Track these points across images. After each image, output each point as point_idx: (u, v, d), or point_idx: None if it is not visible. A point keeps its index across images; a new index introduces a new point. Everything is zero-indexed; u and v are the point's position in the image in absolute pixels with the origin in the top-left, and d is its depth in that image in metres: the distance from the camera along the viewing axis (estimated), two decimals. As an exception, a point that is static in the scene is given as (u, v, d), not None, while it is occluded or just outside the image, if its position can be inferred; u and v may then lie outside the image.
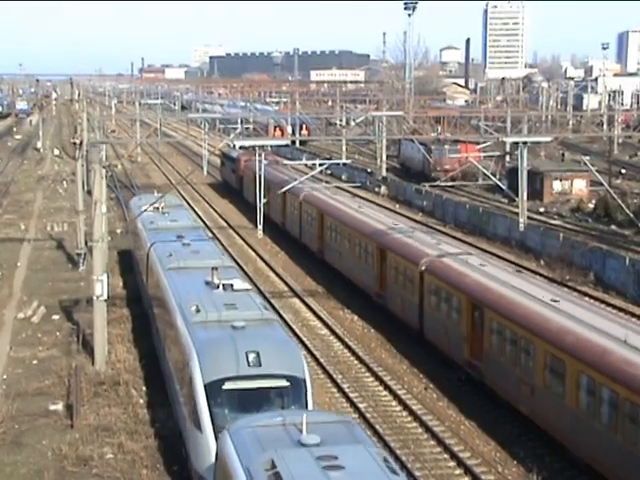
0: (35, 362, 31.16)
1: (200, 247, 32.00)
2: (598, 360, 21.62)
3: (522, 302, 26.29)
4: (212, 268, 26.04)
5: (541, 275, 43.79)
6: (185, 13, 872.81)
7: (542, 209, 63.15)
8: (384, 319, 36.50)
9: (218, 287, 25.41)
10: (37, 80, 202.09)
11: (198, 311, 23.36)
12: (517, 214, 43.73)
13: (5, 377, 29.70)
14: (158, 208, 39.83)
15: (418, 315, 32.55)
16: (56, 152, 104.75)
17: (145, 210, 38.66)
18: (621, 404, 20.39)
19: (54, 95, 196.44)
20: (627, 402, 20.17)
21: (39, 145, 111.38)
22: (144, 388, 28.08)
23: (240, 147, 55.30)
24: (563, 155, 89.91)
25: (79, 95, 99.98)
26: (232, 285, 25.35)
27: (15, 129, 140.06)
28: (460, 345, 29.10)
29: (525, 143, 41.31)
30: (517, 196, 41.93)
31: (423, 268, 32.28)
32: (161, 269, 29.41)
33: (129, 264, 43.73)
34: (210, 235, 41.74)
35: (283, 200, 53.38)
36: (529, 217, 49.33)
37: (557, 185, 67.67)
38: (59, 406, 26.74)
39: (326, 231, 44.86)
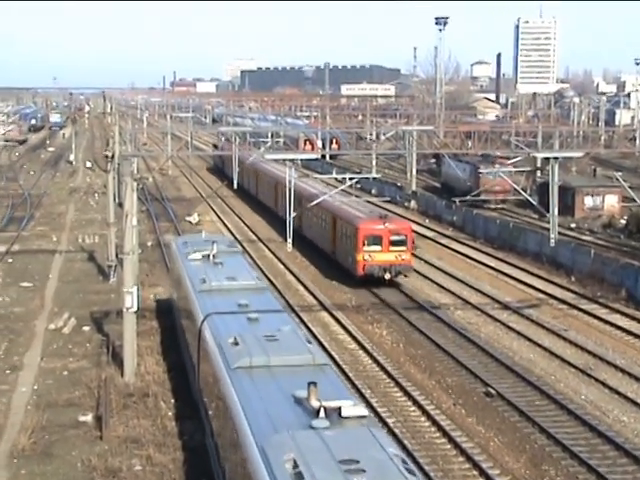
0: (65, 373, 31.34)
1: (275, 327, 22.32)
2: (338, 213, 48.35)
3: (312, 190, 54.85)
4: (309, 384, 16.67)
5: (572, 292, 43.55)
6: (217, 28, 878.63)
7: (573, 225, 62.75)
8: (415, 333, 36.51)
9: (318, 413, 16.15)
10: (71, 93, 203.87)
11: (300, 477, 14.11)
12: (548, 230, 43.49)
13: (36, 387, 29.89)
14: (209, 256, 31.58)
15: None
16: (88, 165, 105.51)
17: (193, 258, 31.71)
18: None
19: (87, 108, 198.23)
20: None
21: (72, 158, 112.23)
22: (172, 400, 28.12)
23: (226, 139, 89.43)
24: (595, 171, 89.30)
25: (111, 108, 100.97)
26: (340, 410, 16.38)
27: (48, 142, 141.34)
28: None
29: (556, 158, 41.15)
30: (548, 211, 41.71)
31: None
32: (225, 369, 20.07)
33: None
34: (283, 304, 32.44)
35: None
36: (560, 233, 49.03)
37: (589, 201, 67.23)
38: (89, 417, 26.87)
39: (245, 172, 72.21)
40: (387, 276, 43.95)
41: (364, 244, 44.06)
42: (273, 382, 18.71)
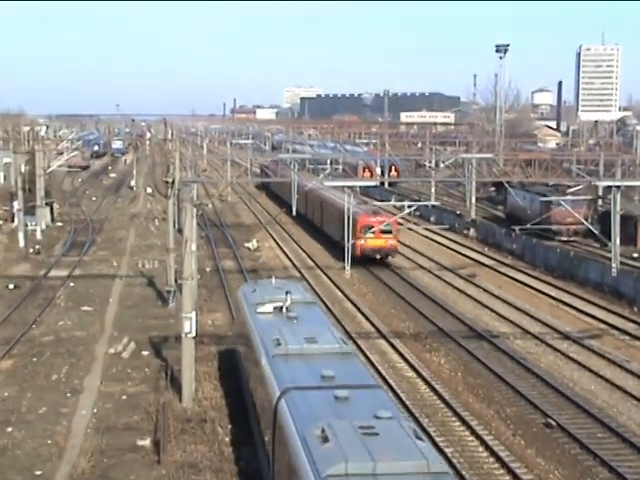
0: (124, 397, 31.63)
1: (371, 412, 17.90)
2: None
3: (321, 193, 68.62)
4: None
5: (635, 322, 42.88)
6: (277, 56, 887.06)
7: (636, 254, 61.83)
8: (473, 362, 36.26)
9: None
10: (133, 120, 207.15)
11: None
12: (609, 259, 42.99)
13: (95, 411, 30.21)
14: (281, 308, 27.64)
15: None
16: (149, 190, 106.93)
17: (263, 311, 27.70)
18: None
19: (148, 135, 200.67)
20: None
21: (133, 183, 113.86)
22: (229, 426, 28.19)
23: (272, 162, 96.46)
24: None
25: (172, 135, 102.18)
26: None
27: (110, 168, 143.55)
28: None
29: (618, 187, 40.76)
30: (609, 241, 41.24)
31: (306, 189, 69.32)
32: (313, 476, 15.82)
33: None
34: (375, 377, 27.90)
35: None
36: (622, 262, 48.36)
37: (651, 230, 66.19)
38: (147, 442, 27.03)
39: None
40: (377, 256, 56.58)
41: (361, 232, 56.06)
42: None
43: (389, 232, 57.12)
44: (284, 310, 27.33)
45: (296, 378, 20.84)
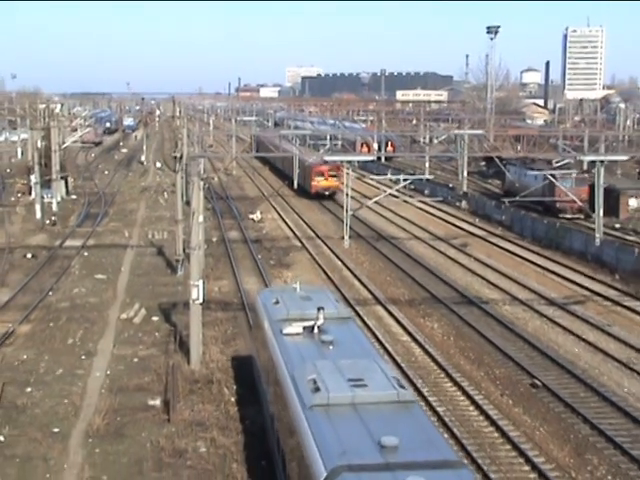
0: (136, 360, 31.75)
1: None
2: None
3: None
4: None
5: (616, 289, 42.96)
6: (279, 37, 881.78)
7: (618, 225, 61.83)
8: (464, 326, 36.36)
9: None
10: (142, 98, 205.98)
11: None
12: (593, 230, 42.97)
13: (109, 373, 30.36)
14: (312, 328, 21.61)
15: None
16: (158, 165, 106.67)
17: (290, 332, 21.55)
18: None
19: (157, 112, 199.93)
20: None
21: (143, 158, 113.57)
22: (235, 387, 28.33)
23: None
24: (639, 173, 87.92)
25: (180, 112, 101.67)
26: None
27: (122, 143, 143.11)
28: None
29: (602, 162, 40.56)
30: (594, 212, 41.21)
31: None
32: None
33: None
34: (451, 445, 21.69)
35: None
36: (605, 233, 48.31)
37: (633, 202, 66.21)
38: (157, 401, 27.20)
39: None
40: (326, 193, 73.61)
41: (315, 176, 74.65)
42: None
43: (335, 176, 74.49)
44: (316, 331, 21.51)
45: (347, 448, 14.43)
